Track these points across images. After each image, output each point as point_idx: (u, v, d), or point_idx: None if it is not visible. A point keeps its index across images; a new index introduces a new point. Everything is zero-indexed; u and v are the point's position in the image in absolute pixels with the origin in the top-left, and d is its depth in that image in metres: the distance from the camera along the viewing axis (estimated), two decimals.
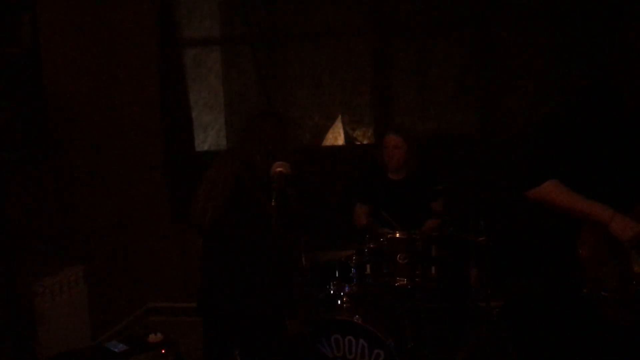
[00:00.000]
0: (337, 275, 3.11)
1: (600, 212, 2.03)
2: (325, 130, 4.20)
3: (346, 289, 2.98)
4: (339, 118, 4.18)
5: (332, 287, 3.02)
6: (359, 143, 4.18)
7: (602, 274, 2.03)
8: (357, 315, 2.81)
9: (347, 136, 4.19)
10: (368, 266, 3.09)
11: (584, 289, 2.04)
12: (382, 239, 3.11)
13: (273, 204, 1.83)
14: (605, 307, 2.02)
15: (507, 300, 3.33)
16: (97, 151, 3.99)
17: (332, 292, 3.01)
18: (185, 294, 4.36)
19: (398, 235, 3.10)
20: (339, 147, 4.20)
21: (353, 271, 3.05)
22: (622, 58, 2.04)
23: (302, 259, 3.02)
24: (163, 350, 2.70)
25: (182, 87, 4.26)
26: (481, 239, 3.03)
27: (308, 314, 2.71)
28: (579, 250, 2.06)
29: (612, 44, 2.08)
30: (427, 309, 3.07)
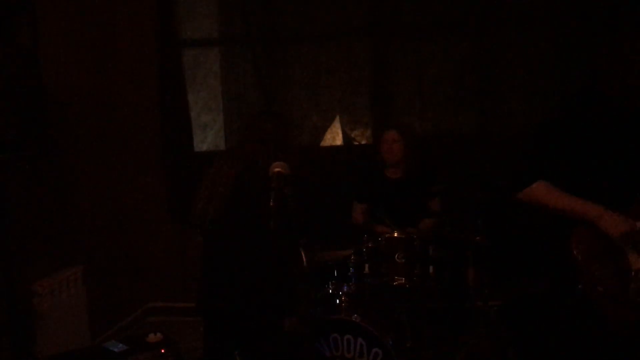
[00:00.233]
0: (335, 275, 3.12)
1: (589, 209, 2.04)
2: (323, 130, 4.21)
3: (345, 289, 2.98)
4: (337, 118, 4.19)
5: (330, 286, 3.03)
6: (357, 143, 4.19)
7: (597, 273, 2.03)
8: (356, 315, 2.81)
9: (346, 136, 4.20)
10: (366, 266, 3.09)
11: (579, 285, 2.04)
12: (380, 238, 3.12)
13: (271, 204, 1.84)
14: (602, 303, 2.02)
15: (505, 300, 3.34)
16: (96, 151, 4.00)
17: (330, 292, 3.02)
18: (184, 293, 4.36)
19: (396, 234, 3.10)
20: (338, 147, 4.21)
21: (351, 271, 3.06)
22: (614, 61, 2.05)
23: (302, 259, 3.01)
24: (163, 350, 2.70)
25: (181, 87, 4.26)
26: (479, 238, 3.04)
27: (306, 313, 2.71)
28: (573, 251, 2.06)
29: (603, 48, 2.10)
30: (425, 309, 3.07)
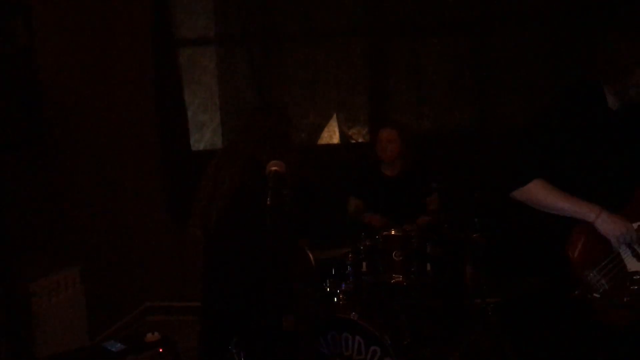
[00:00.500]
0: (333, 273, 3.12)
1: (586, 210, 2.01)
2: (320, 129, 4.21)
3: (342, 287, 3.00)
4: (334, 117, 4.19)
5: (328, 284, 3.04)
6: (354, 142, 4.19)
7: (593, 276, 2.00)
8: (354, 313, 2.82)
9: (343, 135, 4.20)
10: (364, 264, 3.11)
11: (575, 291, 2.01)
12: (377, 236, 3.12)
13: (268, 203, 1.83)
14: (598, 308, 1.99)
15: (502, 297, 3.35)
16: (93, 151, 3.99)
17: (328, 290, 3.03)
18: (182, 293, 4.37)
19: (393, 232, 3.11)
20: (335, 145, 4.22)
21: (349, 269, 3.07)
22: (606, 58, 2.02)
23: (310, 259, 3.02)
24: (161, 350, 2.70)
25: (178, 86, 4.26)
26: (476, 236, 3.05)
27: (304, 312, 2.71)
28: (568, 252, 2.03)
29: (596, 45, 2.08)
30: (423, 306, 3.08)
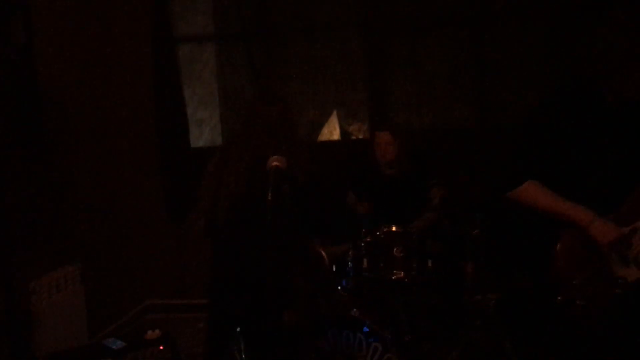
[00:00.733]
0: (334, 270, 3.12)
1: (580, 214, 1.97)
2: (320, 125, 4.21)
3: (343, 283, 2.99)
4: (334, 113, 4.19)
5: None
6: (354, 138, 4.18)
7: (579, 284, 1.97)
8: (355, 309, 2.82)
9: (343, 131, 4.19)
10: (365, 260, 3.10)
11: (558, 297, 1.98)
12: (378, 233, 3.12)
13: (269, 198, 1.81)
14: (581, 315, 1.96)
15: (503, 294, 3.35)
16: (91, 149, 3.98)
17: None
18: (182, 291, 4.37)
19: (394, 228, 3.11)
20: (335, 142, 4.21)
21: (350, 265, 3.06)
22: (602, 55, 1.97)
23: (324, 258, 3.01)
24: (161, 347, 2.70)
25: (177, 83, 4.25)
26: (477, 232, 3.04)
27: (307, 308, 2.70)
28: (557, 258, 2.00)
29: (591, 41, 2.03)
30: (424, 303, 3.08)
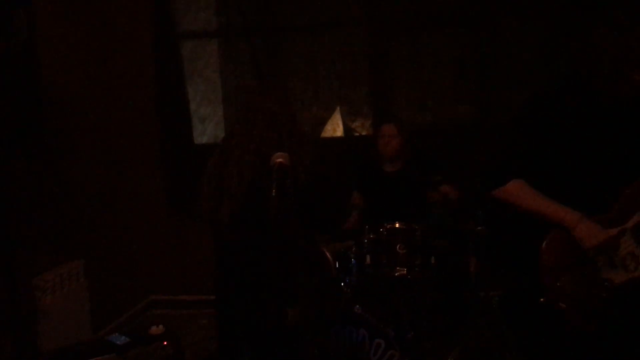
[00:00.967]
0: (337, 266, 3.12)
1: (565, 216, 1.92)
2: (323, 121, 4.20)
3: (346, 280, 3.00)
4: (337, 109, 4.19)
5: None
6: (357, 134, 4.18)
7: (563, 286, 1.92)
8: (358, 306, 2.82)
9: (346, 128, 4.19)
10: (368, 257, 3.10)
11: (541, 298, 1.94)
12: (381, 229, 3.12)
13: (273, 194, 1.80)
14: (564, 317, 1.92)
15: (506, 290, 3.35)
16: (95, 145, 3.99)
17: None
18: (185, 286, 4.38)
19: (397, 225, 3.11)
20: (337, 138, 4.21)
21: (353, 262, 3.07)
22: (595, 52, 1.91)
23: (329, 261, 3.00)
24: (165, 343, 2.71)
25: (180, 80, 4.25)
26: (480, 228, 3.04)
27: (310, 305, 2.70)
28: (542, 256, 1.95)
29: (585, 40, 1.96)
30: (427, 299, 3.08)
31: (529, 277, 2.02)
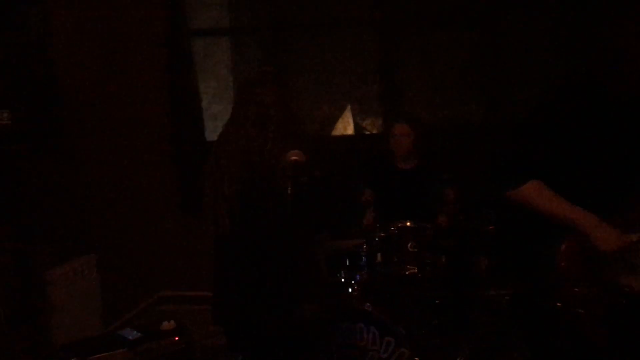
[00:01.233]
0: (347, 264, 3.13)
1: (583, 220, 1.86)
2: (334, 120, 4.21)
3: (357, 277, 3.00)
4: (348, 108, 4.19)
5: (342, 275, 3.05)
6: (368, 132, 4.18)
7: (580, 292, 1.88)
8: (368, 303, 2.83)
9: (357, 126, 4.19)
10: (378, 255, 3.11)
11: (557, 303, 1.89)
12: (392, 227, 3.12)
13: (289, 192, 1.79)
14: (580, 324, 1.88)
15: (516, 290, 3.34)
16: (107, 141, 4.01)
17: (342, 280, 3.04)
18: (195, 283, 4.39)
19: (408, 224, 3.11)
20: (348, 136, 4.22)
21: (363, 260, 3.08)
22: (609, 53, 1.90)
23: (323, 271, 3.00)
24: (176, 338, 2.73)
25: (192, 77, 4.27)
26: (491, 228, 3.04)
27: (325, 301, 2.69)
28: (559, 261, 1.91)
29: (598, 38, 1.95)
30: (437, 297, 3.09)
31: (541, 278, 1.98)
